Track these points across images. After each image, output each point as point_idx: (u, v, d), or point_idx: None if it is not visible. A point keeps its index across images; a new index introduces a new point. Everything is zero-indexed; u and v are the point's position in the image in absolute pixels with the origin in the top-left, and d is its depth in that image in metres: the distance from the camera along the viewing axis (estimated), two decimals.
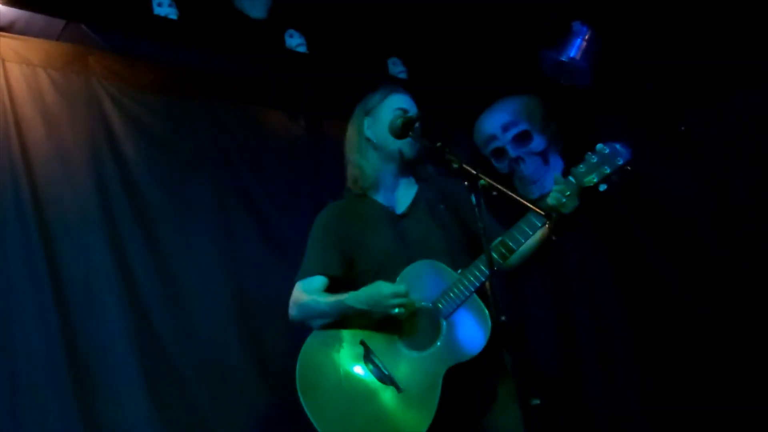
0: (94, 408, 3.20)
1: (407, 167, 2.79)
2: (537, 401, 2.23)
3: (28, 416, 3.07)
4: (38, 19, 3.49)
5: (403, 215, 2.75)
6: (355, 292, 2.58)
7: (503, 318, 2.28)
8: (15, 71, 3.40)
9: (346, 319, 2.62)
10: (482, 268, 2.45)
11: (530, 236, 2.48)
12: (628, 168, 2.45)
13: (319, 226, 2.80)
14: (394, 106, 2.75)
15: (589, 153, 2.50)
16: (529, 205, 2.33)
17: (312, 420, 2.50)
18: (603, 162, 2.47)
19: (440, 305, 2.51)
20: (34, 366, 3.13)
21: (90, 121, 3.57)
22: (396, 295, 2.48)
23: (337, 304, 2.60)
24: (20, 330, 3.15)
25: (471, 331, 2.44)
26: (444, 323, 2.49)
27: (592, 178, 2.47)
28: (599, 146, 2.50)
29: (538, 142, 4.47)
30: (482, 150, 4.63)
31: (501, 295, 2.30)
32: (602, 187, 2.48)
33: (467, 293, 2.47)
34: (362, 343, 2.56)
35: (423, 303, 2.54)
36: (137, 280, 3.49)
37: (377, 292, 2.52)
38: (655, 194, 4.13)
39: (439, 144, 2.48)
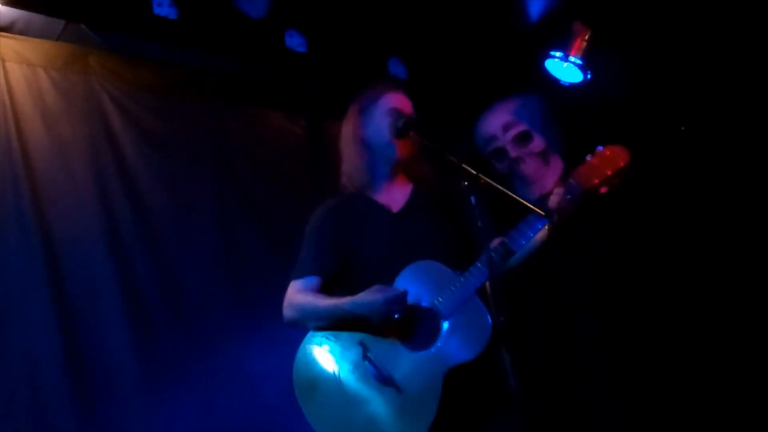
0: (94, 408, 3.21)
1: (402, 167, 2.77)
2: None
3: (28, 416, 3.08)
4: (38, 19, 3.48)
5: (400, 214, 2.73)
6: (355, 298, 2.54)
7: (503, 318, 2.27)
8: (15, 71, 3.40)
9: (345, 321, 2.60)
10: (482, 268, 2.44)
11: (531, 238, 2.47)
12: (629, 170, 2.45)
13: (314, 224, 2.78)
14: (389, 106, 2.72)
15: (590, 155, 2.49)
16: (529, 205, 2.32)
17: (311, 422, 2.50)
18: (603, 164, 2.47)
19: (440, 306, 2.50)
20: (34, 366, 3.14)
21: (90, 121, 3.57)
22: (396, 301, 2.46)
23: (336, 309, 2.57)
24: (20, 330, 3.15)
25: (471, 333, 2.43)
26: (444, 324, 2.49)
27: (593, 180, 2.47)
28: (599, 148, 2.49)
29: (538, 142, 4.46)
30: (482, 150, 4.62)
31: (501, 296, 2.29)
32: (603, 189, 2.48)
33: (468, 294, 2.46)
34: (361, 343, 2.55)
35: (423, 303, 2.53)
36: (137, 280, 3.50)
37: (378, 299, 2.48)
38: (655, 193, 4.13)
39: (438, 144, 2.47)
